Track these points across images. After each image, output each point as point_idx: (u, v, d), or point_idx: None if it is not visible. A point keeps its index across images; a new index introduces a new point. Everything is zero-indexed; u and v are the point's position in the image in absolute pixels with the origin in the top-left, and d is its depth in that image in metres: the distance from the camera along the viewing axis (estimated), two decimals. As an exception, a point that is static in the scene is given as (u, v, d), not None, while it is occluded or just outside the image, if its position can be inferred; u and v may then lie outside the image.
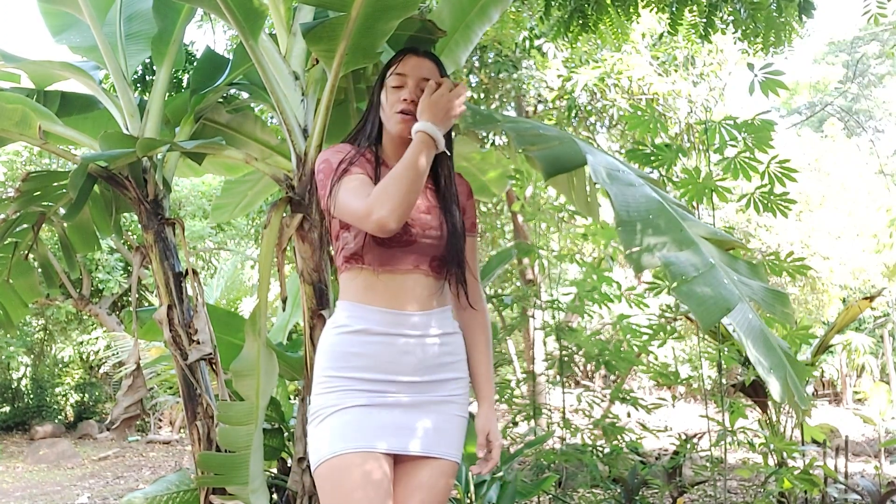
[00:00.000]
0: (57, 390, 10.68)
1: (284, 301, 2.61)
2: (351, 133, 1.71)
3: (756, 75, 2.72)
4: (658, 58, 7.11)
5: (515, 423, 3.66)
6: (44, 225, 3.16)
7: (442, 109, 1.52)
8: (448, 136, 1.65)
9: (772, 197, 2.77)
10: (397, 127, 1.61)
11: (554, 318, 3.67)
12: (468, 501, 2.88)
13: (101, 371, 10.51)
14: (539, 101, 7.41)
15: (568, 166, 1.74)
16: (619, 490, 3.42)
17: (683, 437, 3.58)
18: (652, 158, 2.85)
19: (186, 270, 2.84)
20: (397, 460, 1.57)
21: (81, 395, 10.83)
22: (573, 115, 6.82)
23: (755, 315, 1.45)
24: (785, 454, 3.33)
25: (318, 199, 2.44)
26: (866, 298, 4.16)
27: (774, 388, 1.36)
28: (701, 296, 1.38)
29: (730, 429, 2.97)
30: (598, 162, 1.64)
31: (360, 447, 1.49)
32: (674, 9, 3.37)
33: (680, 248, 1.49)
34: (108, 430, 10.06)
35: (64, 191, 2.99)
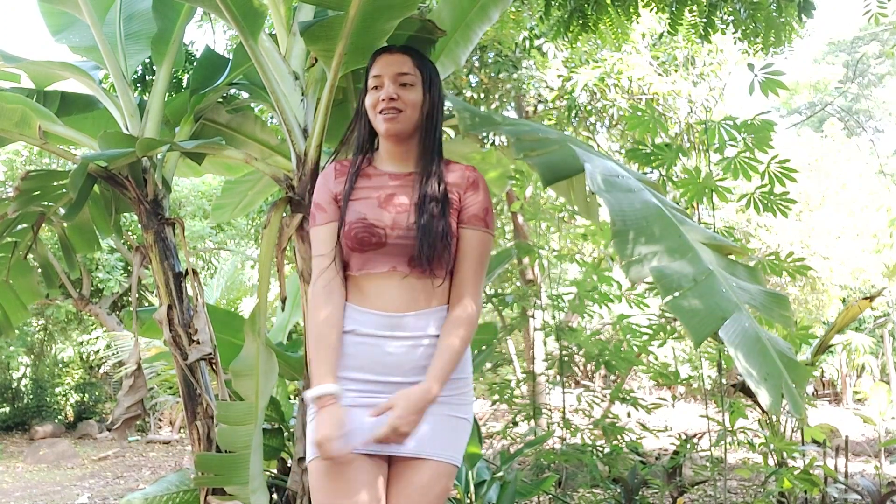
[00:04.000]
0: (57, 390, 10.68)
1: (284, 301, 2.61)
2: (344, 142, 1.75)
3: (756, 75, 2.72)
4: (658, 58, 7.11)
5: (515, 423, 3.66)
6: (44, 225, 3.16)
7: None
8: (434, 115, 1.66)
9: (772, 197, 2.76)
10: (383, 126, 1.62)
11: (554, 318, 3.67)
12: (468, 501, 2.87)
13: (101, 371, 10.51)
14: (539, 101, 7.41)
15: (566, 173, 1.73)
16: (619, 490, 3.42)
17: (683, 437, 3.58)
18: (652, 158, 2.85)
19: (186, 270, 2.84)
20: (391, 461, 1.56)
21: (81, 395, 10.82)
22: (573, 115, 6.81)
23: (751, 322, 1.43)
24: (785, 454, 3.33)
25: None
26: (866, 298, 4.15)
27: (764, 398, 1.35)
28: (692, 309, 1.37)
29: (730, 429, 2.97)
30: (596, 168, 1.63)
31: (344, 448, 1.49)
32: (674, 9, 3.36)
33: (675, 256, 1.47)
34: (108, 430, 10.06)
35: (64, 191, 2.98)
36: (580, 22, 3.51)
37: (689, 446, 3.34)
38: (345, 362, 1.56)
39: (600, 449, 3.41)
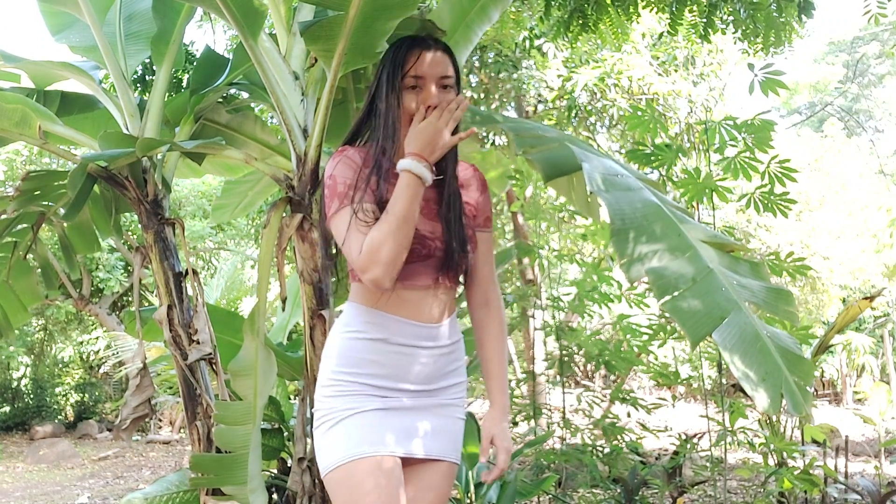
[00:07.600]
0: (57, 390, 10.68)
1: (284, 301, 2.62)
2: (363, 132, 1.60)
3: (756, 75, 2.72)
4: (658, 58, 7.11)
5: (515, 423, 3.67)
6: (44, 225, 3.16)
7: (429, 142, 1.43)
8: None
9: (772, 197, 2.76)
10: None
11: (554, 318, 3.67)
12: (468, 501, 2.87)
13: (101, 371, 10.51)
14: (539, 101, 7.41)
15: (566, 170, 1.73)
16: (619, 490, 3.42)
17: (683, 437, 3.58)
18: (652, 158, 2.85)
19: (186, 270, 2.84)
20: (403, 463, 1.56)
21: (81, 395, 10.83)
22: (573, 115, 6.82)
23: (751, 320, 1.42)
24: (785, 454, 3.33)
25: (318, 199, 2.44)
26: (866, 298, 4.15)
27: (762, 401, 1.33)
28: (689, 310, 1.36)
29: (730, 429, 2.97)
30: (595, 167, 1.62)
31: (378, 451, 1.49)
32: (674, 9, 3.37)
33: (675, 255, 1.46)
34: (108, 430, 10.06)
35: (64, 191, 2.98)
36: (580, 22, 3.51)
37: (689, 446, 3.34)
38: (372, 370, 1.52)
39: (600, 449, 3.41)
